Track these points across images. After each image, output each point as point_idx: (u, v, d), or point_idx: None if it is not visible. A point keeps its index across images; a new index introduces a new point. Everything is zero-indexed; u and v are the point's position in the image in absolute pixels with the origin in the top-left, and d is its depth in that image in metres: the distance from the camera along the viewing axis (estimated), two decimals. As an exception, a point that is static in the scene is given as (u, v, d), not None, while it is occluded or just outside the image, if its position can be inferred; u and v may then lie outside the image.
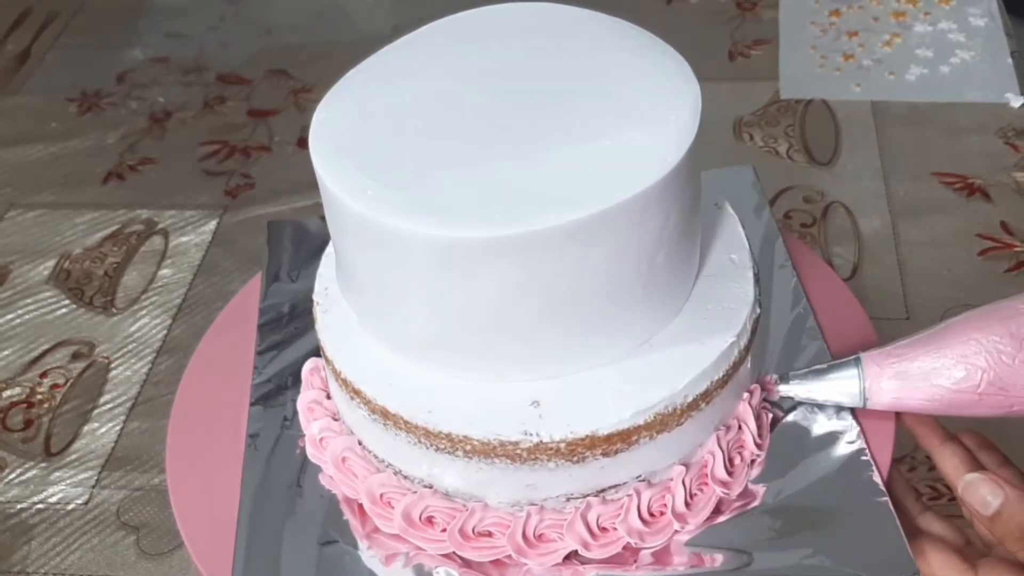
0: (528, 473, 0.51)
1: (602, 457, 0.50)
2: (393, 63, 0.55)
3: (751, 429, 0.55)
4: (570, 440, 0.49)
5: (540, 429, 0.49)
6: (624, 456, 0.51)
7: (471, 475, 0.51)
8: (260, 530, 0.55)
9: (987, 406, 0.53)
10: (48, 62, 1.29)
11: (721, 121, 1.09)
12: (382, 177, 0.48)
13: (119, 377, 0.89)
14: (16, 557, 0.76)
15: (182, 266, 0.99)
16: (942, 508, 0.57)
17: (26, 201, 1.08)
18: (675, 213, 0.49)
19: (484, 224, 0.45)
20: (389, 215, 0.46)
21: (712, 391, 0.52)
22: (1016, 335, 0.52)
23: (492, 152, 0.48)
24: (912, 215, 0.97)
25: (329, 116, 0.52)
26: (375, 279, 0.51)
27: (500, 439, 0.49)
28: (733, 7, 1.27)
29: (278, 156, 1.11)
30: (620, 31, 0.55)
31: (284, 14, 1.35)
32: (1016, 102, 1.08)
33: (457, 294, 0.48)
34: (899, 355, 0.55)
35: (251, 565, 0.53)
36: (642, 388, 0.50)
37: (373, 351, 0.53)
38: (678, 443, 0.53)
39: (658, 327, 0.53)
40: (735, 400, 0.55)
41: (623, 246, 0.48)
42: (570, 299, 0.48)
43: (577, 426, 0.49)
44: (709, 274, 0.56)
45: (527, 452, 0.50)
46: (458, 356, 0.51)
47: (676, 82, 0.52)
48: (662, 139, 0.49)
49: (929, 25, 1.19)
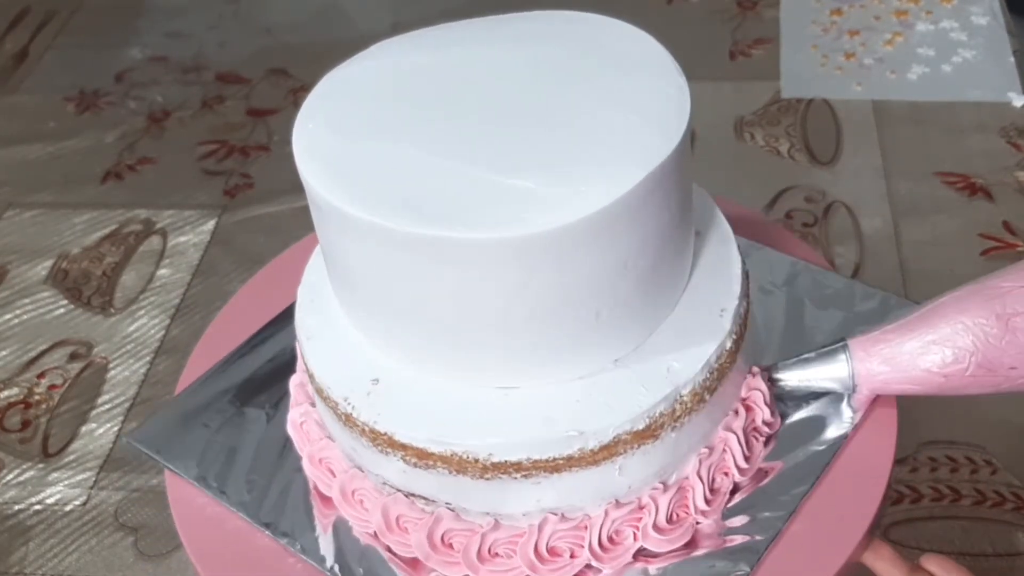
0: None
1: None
2: (379, 64, 0.55)
3: (732, 450, 0.54)
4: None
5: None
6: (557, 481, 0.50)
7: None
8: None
9: (976, 386, 0.53)
10: (46, 61, 1.28)
11: (722, 120, 1.09)
12: (361, 175, 0.48)
13: (117, 377, 0.88)
14: (14, 558, 0.76)
15: (180, 266, 0.98)
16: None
17: (24, 201, 1.07)
18: (661, 218, 0.48)
19: (466, 226, 0.45)
20: (367, 213, 0.46)
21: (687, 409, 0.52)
22: (1001, 315, 0.52)
23: (475, 153, 0.48)
24: (914, 215, 0.96)
25: (314, 115, 0.52)
26: (360, 276, 0.51)
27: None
28: (734, 6, 1.27)
29: (277, 156, 1.10)
30: (611, 32, 0.55)
31: (283, 13, 1.34)
32: (1018, 101, 1.07)
33: (439, 294, 0.48)
34: (887, 340, 0.55)
35: None
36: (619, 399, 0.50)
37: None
38: (659, 459, 0.52)
39: (644, 335, 0.52)
40: (719, 415, 0.54)
41: (609, 250, 0.47)
42: (550, 305, 0.48)
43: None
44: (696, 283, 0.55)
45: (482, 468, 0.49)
46: (440, 356, 0.51)
47: (665, 84, 0.51)
48: (649, 142, 0.48)
49: (931, 24, 1.19)
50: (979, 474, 0.75)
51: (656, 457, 0.51)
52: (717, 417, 0.54)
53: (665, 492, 0.52)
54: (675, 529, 0.52)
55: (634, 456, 0.50)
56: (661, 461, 0.52)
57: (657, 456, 0.51)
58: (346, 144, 0.49)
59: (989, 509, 0.73)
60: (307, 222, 0.54)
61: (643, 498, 0.52)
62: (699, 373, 0.50)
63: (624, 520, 0.51)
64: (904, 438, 0.57)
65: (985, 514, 0.73)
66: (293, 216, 0.99)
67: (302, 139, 0.51)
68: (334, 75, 0.54)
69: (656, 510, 0.52)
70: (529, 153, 0.47)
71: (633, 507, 0.52)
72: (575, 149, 0.47)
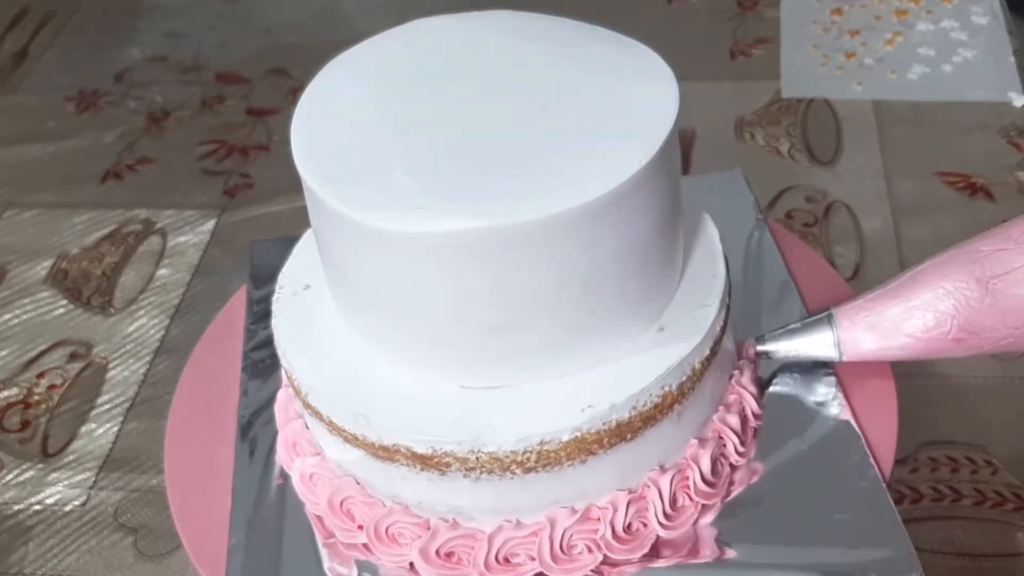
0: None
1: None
2: (369, 61, 0.55)
3: (701, 468, 0.54)
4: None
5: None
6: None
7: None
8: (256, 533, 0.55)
9: (960, 349, 0.55)
10: (46, 61, 1.28)
11: (722, 121, 1.09)
12: (353, 172, 0.48)
13: (117, 378, 0.88)
14: (13, 559, 0.76)
15: (180, 266, 0.98)
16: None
17: (23, 201, 1.07)
18: (649, 215, 0.48)
19: (458, 218, 0.45)
20: (358, 210, 0.46)
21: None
22: (981, 279, 0.53)
23: (465, 148, 0.48)
24: (914, 215, 0.96)
25: (309, 111, 0.52)
26: (354, 274, 0.51)
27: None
28: (734, 6, 1.27)
29: (277, 155, 1.10)
30: (600, 36, 0.55)
31: (283, 13, 1.34)
32: (1019, 101, 1.07)
33: (434, 290, 0.48)
34: (870, 308, 0.56)
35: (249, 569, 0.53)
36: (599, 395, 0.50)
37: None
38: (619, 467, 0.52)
39: (640, 331, 0.52)
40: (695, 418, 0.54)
41: (596, 246, 0.47)
42: (541, 300, 0.48)
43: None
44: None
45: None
46: (424, 355, 0.51)
47: (654, 84, 0.51)
48: (636, 137, 0.48)
49: (931, 24, 1.19)
50: (979, 474, 0.75)
51: (659, 445, 0.51)
52: (707, 411, 0.54)
53: (664, 473, 0.52)
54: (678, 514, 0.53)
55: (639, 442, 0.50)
56: (662, 450, 0.52)
57: (662, 441, 0.52)
58: (342, 139, 0.50)
59: (990, 509, 0.73)
60: (307, 222, 0.54)
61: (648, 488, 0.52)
62: (681, 367, 0.51)
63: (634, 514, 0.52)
64: (904, 438, 0.57)
65: (986, 514, 0.73)
66: (293, 216, 0.99)
67: (300, 136, 0.51)
68: (328, 72, 0.54)
69: (661, 497, 0.52)
70: (523, 147, 0.48)
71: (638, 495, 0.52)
72: (568, 141, 0.48)
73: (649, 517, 0.52)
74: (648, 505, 0.52)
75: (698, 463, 0.53)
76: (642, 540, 0.52)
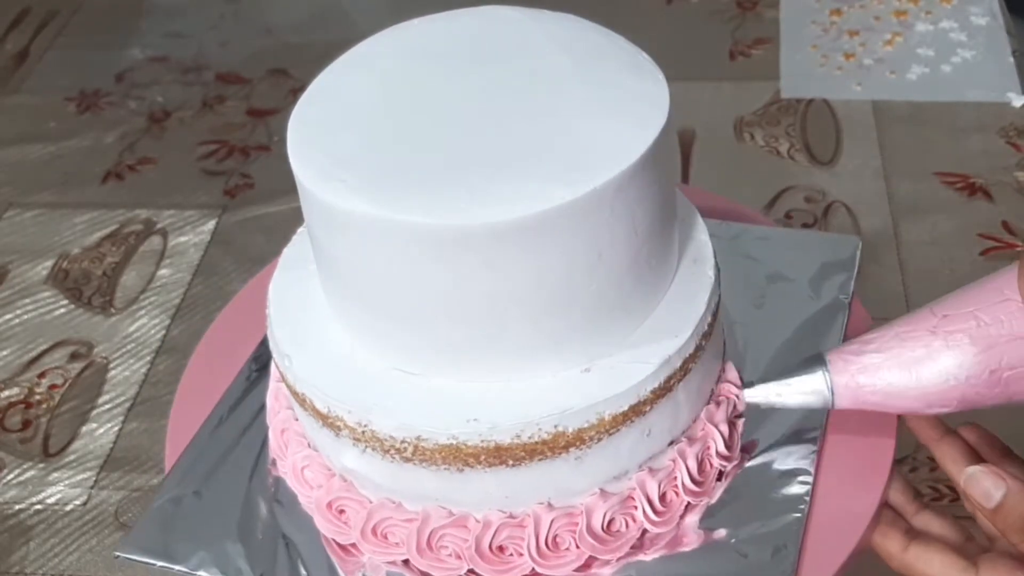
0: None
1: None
2: (366, 61, 0.55)
3: (689, 468, 0.53)
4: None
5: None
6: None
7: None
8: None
9: (957, 404, 0.52)
10: (47, 61, 1.28)
11: (722, 120, 1.09)
12: (349, 167, 0.49)
13: (118, 377, 0.88)
14: (14, 558, 0.76)
15: (181, 266, 0.98)
16: (943, 509, 0.57)
17: (24, 201, 1.07)
18: (641, 210, 0.49)
19: (450, 213, 0.45)
20: (358, 202, 0.47)
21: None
22: (976, 336, 0.51)
23: (455, 143, 0.48)
24: (913, 215, 0.97)
25: (307, 108, 0.53)
26: (348, 269, 0.51)
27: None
28: (734, 6, 1.27)
29: (277, 156, 1.10)
30: (592, 34, 0.55)
31: (284, 14, 1.35)
32: (1017, 101, 1.08)
33: (422, 283, 0.48)
34: (863, 358, 0.53)
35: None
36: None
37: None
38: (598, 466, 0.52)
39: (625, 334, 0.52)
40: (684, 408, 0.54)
41: (586, 242, 0.47)
42: (527, 299, 0.48)
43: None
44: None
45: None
46: (413, 349, 0.51)
47: (645, 83, 0.51)
48: (627, 133, 0.48)
49: (930, 24, 1.19)
50: (979, 474, 0.75)
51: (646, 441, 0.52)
52: (696, 406, 0.55)
53: (654, 476, 0.52)
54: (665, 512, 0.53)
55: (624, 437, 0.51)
56: (649, 449, 0.52)
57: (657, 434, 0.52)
58: (336, 133, 0.51)
59: (989, 509, 0.73)
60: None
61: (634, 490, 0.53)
62: (666, 366, 0.51)
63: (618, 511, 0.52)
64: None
65: (985, 514, 0.73)
66: (293, 216, 0.98)
67: (296, 129, 0.52)
68: (327, 75, 0.55)
69: (648, 499, 0.52)
70: (518, 144, 0.48)
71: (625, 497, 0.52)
72: (557, 142, 0.48)
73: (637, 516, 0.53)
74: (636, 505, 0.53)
75: (686, 460, 0.54)
76: (626, 538, 0.52)
